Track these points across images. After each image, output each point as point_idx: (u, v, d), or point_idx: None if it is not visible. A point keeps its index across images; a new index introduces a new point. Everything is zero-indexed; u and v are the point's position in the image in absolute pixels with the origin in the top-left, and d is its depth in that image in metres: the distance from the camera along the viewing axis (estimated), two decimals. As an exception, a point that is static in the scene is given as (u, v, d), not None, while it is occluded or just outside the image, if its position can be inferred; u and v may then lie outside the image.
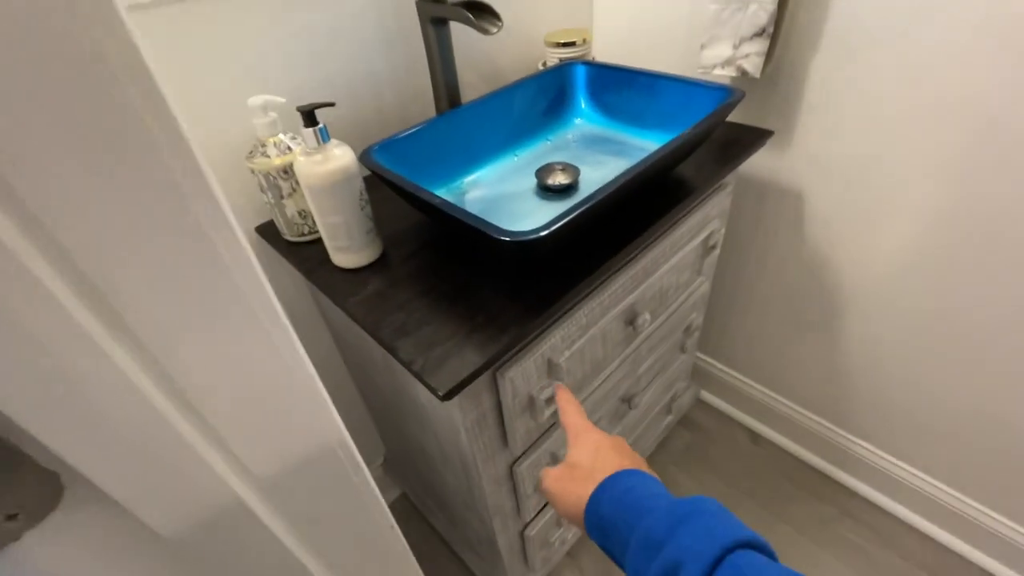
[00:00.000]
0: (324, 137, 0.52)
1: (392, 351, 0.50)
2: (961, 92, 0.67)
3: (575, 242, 0.59)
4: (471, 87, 0.88)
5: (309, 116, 0.51)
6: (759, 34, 0.74)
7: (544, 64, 0.92)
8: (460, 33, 0.76)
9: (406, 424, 0.78)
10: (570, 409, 0.46)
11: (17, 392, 0.18)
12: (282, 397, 0.27)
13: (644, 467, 0.40)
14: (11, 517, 0.21)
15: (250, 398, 0.25)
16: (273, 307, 0.24)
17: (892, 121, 0.74)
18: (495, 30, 0.63)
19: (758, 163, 0.92)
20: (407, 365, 0.49)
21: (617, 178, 0.53)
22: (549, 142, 0.80)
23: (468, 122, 0.73)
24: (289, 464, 0.29)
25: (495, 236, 0.47)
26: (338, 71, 0.71)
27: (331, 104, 0.53)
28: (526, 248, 0.48)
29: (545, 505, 0.81)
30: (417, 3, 0.68)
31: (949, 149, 0.71)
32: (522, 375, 0.56)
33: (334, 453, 0.32)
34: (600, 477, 0.37)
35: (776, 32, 0.74)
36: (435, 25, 0.69)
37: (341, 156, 0.53)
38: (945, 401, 0.90)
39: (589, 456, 0.40)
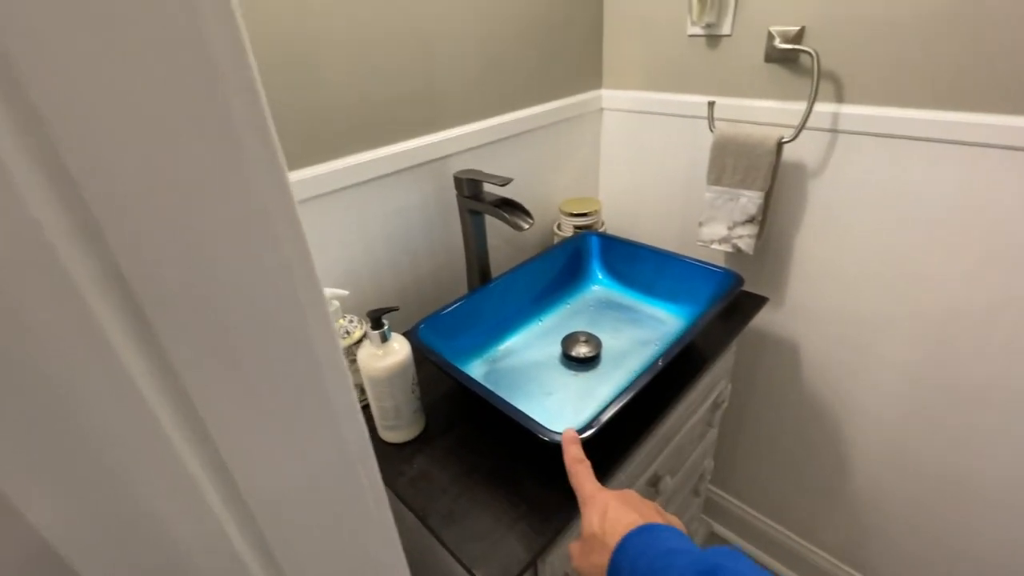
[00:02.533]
0: (387, 336, 0.59)
1: (442, 542, 0.53)
2: (925, 271, 0.78)
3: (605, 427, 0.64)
4: (494, 248, 0.98)
5: (376, 321, 0.58)
6: (750, 220, 0.86)
7: (559, 227, 1.04)
8: (491, 214, 0.87)
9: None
10: (579, 471, 0.45)
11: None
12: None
13: (655, 516, 0.39)
14: None
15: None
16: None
17: (866, 287, 0.84)
18: (527, 227, 0.73)
19: (756, 319, 1.01)
20: (457, 559, 0.52)
21: (642, 376, 0.60)
22: (569, 306, 0.89)
23: (498, 295, 0.81)
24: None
25: (542, 437, 0.53)
26: (384, 250, 0.80)
27: (395, 309, 0.60)
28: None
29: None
30: (458, 199, 0.79)
31: (921, 318, 0.80)
32: (559, 558, 0.58)
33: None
34: (612, 543, 0.36)
35: (764, 217, 0.86)
36: (472, 216, 0.80)
37: (399, 351, 0.60)
38: (952, 547, 0.92)
39: (599, 521, 0.39)
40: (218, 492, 0.19)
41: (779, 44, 0.78)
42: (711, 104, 0.87)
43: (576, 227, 1.00)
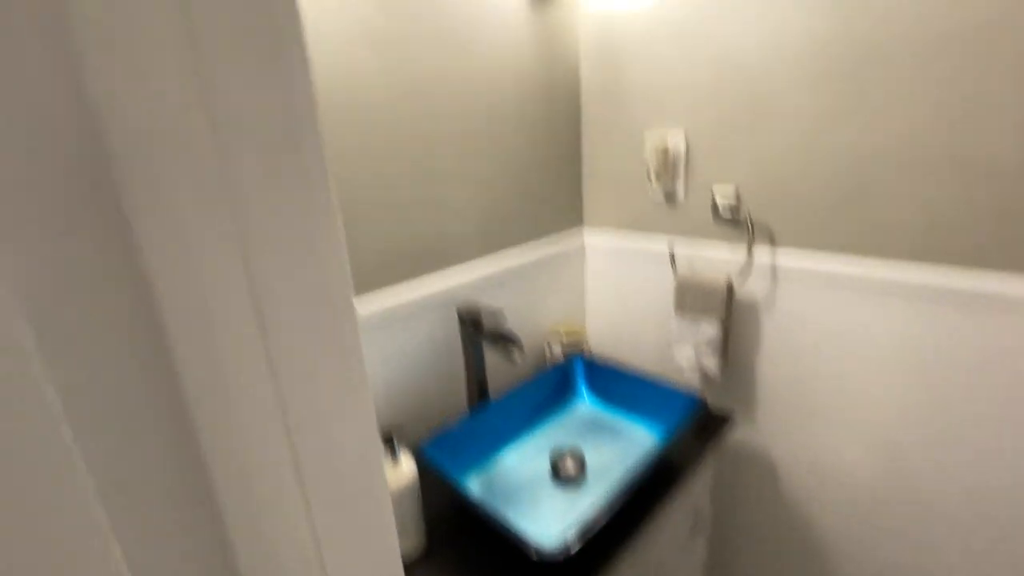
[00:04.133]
0: (397, 454, 0.70)
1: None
2: (867, 400, 0.89)
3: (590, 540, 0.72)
4: (492, 367, 1.10)
5: (388, 441, 0.69)
6: (712, 346, 0.99)
7: (549, 344, 1.17)
8: (489, 341, 1.01)
9: None
10: None
11: None
12: None
13: None
14: None
15: None
16: None
17: (821, 412, 0.95)
18: (520, 361, 0.86)
19: (734, 438, 1.10)
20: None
21: (619, 495, 0.69)
22: (558, 423, 0.99)
23: (495, 415, 0.92)
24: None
25: (531, 551, 0.61)
26: (394, 374, 0.93)
27: (403, 425, 0.71)
28: (552, 561, 0.62)
29: None
30: (461, 332, 0.93)
31: (868, 444, 0.90)
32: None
33: None
34: None
35: (726, 344, 1.00)
36: (474, 346, 0.93)
37: (407, 471, 0.70)
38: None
39: None
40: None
41: (721, 205, 0.97)
42: (672, 255, 1.05)
43: (564, 349, 1.13)
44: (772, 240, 0.94)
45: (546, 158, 1.12)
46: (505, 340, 0.89)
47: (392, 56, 0.81)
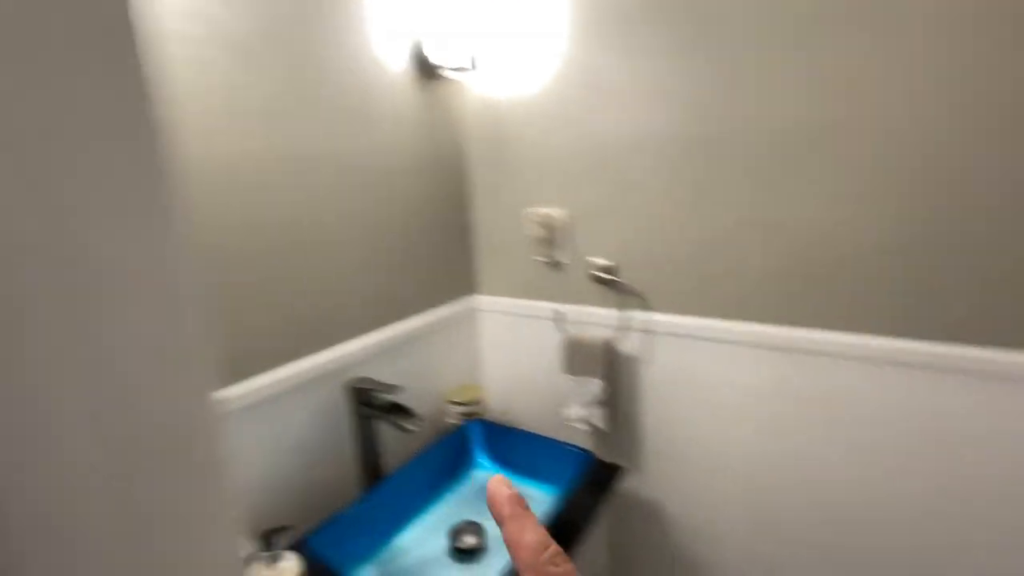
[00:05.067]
0: (277, 556, 0.63)
1: None
2: (728, 462, 0.99)
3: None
4: (385, 441, 1.06)
5: (266, 540, 0.63)
6: (598, 402, 1.05)
7: (447, 409, 1.16)
8: (382, 414, 0.97)
9: None
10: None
11: None
12: None
13: None
14: None
15: None
16: None
17: (695, 452, 1.04)
18: (414, 430, 0.85)
19: (625, 488, 1.15)
20: None
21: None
22: (456, 494, 0.97)
23: (388, 495, 0.88)
24: None
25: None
26: (275, 461, 0.85)
27: (289, 527, 0.66)
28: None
29: None
30: (350, 410, 0.89)
31: (753, 480, 1.00)
32: None
33: None
34: None
35: (612, 398, 1.06)
36: (364, 422, 0.89)
37: (289, 571, 0.63)
38: None
39: None
40: None
41: (598, 274, 1.07)
42: (557, 314, 1.12)
43: (461, 414, 1.13)
44: (645, 304, 1.04)
45: (435, 231, 1.15)
46: (398, 411, 0.87)
47: (279, 129, 0.81)
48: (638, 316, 1.05)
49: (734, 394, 0.98)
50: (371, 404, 0.88)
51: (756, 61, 0.84)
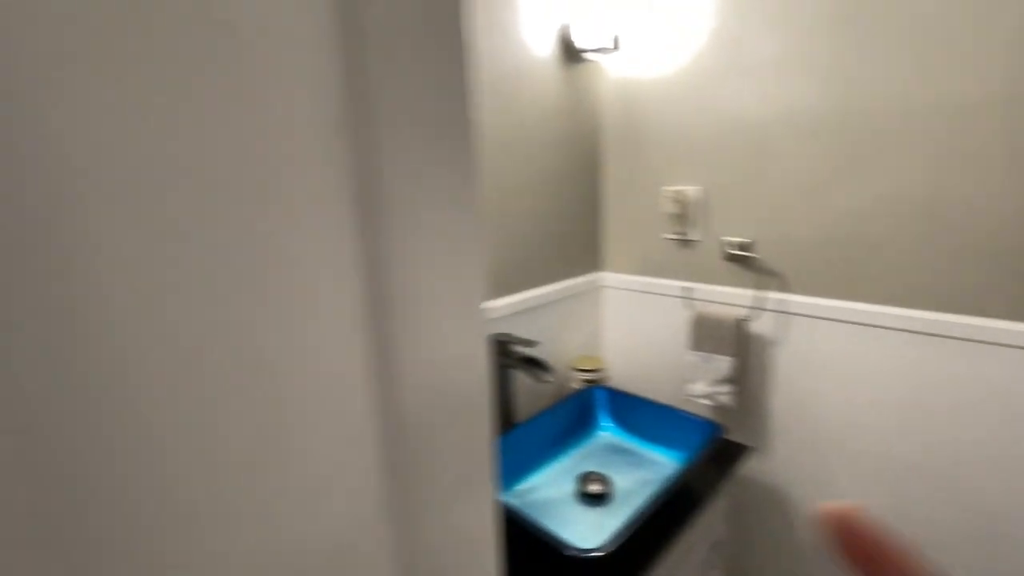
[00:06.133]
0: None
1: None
2: (865, 446, 0.94)
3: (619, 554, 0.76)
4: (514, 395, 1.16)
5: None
6: (726, 379, 1.05)
7: (570, 380, 1.22)
8: (516, 369, 1.07)
9: None
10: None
11: None
12: None
13: None
14: None
15: None
16: None
17: (828, 445, 1.00)
18: (550, 381, 0.92)
19: (748, 468, 1.14)
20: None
21: (647, 512, 0.73)
22: (582, 450, 1.03)
23: (522, 439, 0.97)
24: None
25: (568, 553, 0.65)
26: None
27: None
28: (589, 562, 0.65)
29: None
30: (494, 358, 1.00)
31: (876, 477, 0.95)
32: None
33: None
34: None
35: (740, 377, 1.06)
36: (502, 369, 0.99)
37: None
38: None
39: None
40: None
41: (733, 252, 1.06)
42: (686, 291, 1.13)
43: (584, 381, 1.19)
44: (781, 284, 1.02)
45: (568, 208, 1.22)
46: (534, 364, 0.95)
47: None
48: (772, 296, 1.03)
49: (873, 379, 0.93)
50: (509, 355, 0.97)
51: (923, 33, 0.80)
